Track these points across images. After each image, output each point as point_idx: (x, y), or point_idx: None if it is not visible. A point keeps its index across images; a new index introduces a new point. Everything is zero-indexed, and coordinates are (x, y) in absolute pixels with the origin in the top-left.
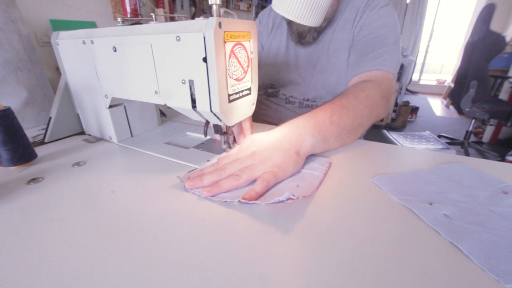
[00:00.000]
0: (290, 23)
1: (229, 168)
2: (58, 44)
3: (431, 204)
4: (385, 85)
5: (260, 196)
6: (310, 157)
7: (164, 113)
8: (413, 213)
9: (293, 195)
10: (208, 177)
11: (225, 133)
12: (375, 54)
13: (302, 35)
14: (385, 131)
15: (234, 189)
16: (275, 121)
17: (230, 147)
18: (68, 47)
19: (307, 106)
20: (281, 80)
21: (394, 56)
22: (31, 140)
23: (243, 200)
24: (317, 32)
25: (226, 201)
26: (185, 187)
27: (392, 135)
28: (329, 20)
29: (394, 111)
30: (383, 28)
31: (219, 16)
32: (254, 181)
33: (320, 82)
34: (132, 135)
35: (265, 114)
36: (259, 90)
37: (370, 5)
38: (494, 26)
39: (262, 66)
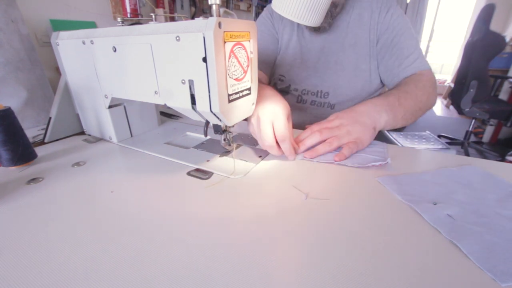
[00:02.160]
0: None
1: (323, 134)
2: (58, 44)
3: (435, 204)
4: (432, 79)
5: (346, 158)
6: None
7: (169, 114)
8: (416, 213)
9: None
10: (310, 140)
11: (224, 131)
12: (413, 56)
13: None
14: (385, 131)
15: (326, 153)
16: None
17: (229, 145)
18: (68, 47)
19: (319, 104)
20: (292, 71)
21: (421, 53)
22: (31, 140)
23: (336, 160)
24: (332, 17)
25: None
26: (297, 153)
27: (392, 135)
28: (342, 5)
29: None
30: (408, 29)
31: (219, 16)
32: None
33: (335, 74)
34: (132, 135)
35: None
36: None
37: (387, 3)
38: (494, 26)
39: (275, 57)
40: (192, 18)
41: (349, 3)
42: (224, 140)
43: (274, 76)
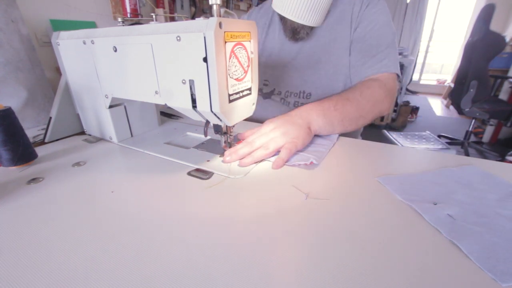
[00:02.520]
0: (283, 19)
1: (257, 141)
2: (59, 44)
3: (435, 204)
4: (390, 85)
5: (285, 162)
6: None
7: (169, 114)
8: (416, 213)
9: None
10: (242, 150)
11: (225, 133)
12: (380, 56)
13: (296, 31)
14: (385, 131)
15: (264, 158)
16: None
17: (230, 147)
18: (68, 47)
19: (302, 104)
20: (276, 75)
21: (395, 55)
22: (31, 140)
23: (273, 168)
24: (310, 27)
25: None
26: (224, 162)
27: (392, 135)
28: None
29: (394, 111)
30: (383, 27)
31: (220, 16)
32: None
33: (317, 73)
34: (132, 135)
35: (261, 115)
36: None
37: (365, 1)
38: (494, 26)
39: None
40: (192, 18)
41: (333, 4)
42: (225, 142)
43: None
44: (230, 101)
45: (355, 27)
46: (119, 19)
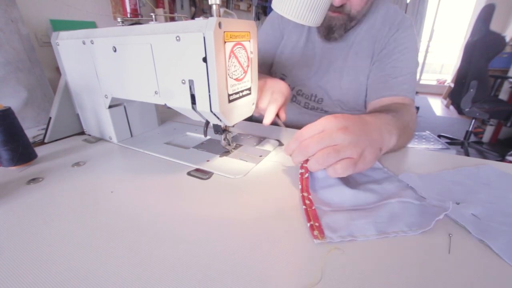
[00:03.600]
0: None
1: (327, 139)
2: (58, 44)
3: (458, 203)
4: (415, 112)
5: (336, 176)
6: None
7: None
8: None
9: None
10: (312, 148)
11: (224, 130)
12: (403, 79)
13: (332, 30)
14: None
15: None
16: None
17: (229, 144)
18: (68, 47)
19: (312, 108)
20: (293, 72)
21: (415, 84)
22: (31, 140)
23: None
24: (346, 30)
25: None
26: (287, 154)
27: None
28: (358, 20)
29: None
30: (411, 52)
31: (219, 16)
32: None
33: (332, 81)
34: (132, 135)
35: None
36: None
37: (400, 23)
38: (494, 26)
39: (279, 55)
40: (192, 18)
41: (364, 16)
42: (224, 139)
43: (274, 74)
44: (230, 101)
45: (381, 49)
46: (119, 19)
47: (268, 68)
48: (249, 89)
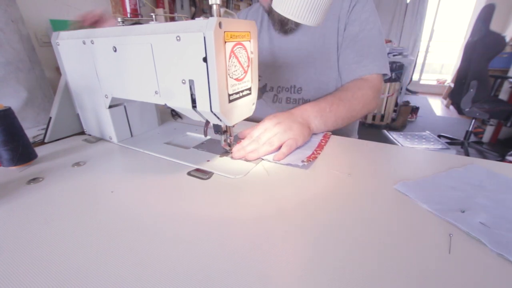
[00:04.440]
0: (270, 13)
1: (262, 137)
2: (58, 44)
3: (463, 212)
4: (378, 86)
5: (285, 156)
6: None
7: (179, 115)
8: (446, 222)
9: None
10: (250, 147)
11: (225, 131)
12: (372, 57)
13: (284, 22)
14: (385, 131)
15: (269, 153)
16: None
17: (229, 146)
18: (68, 47)
19: (294, 101)
20: (268, 70)
21: (385, 56)
22: (31, 140)
23: (275, 159)
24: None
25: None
26: (233, 158)
27: (392, 135)
28: None
29: (394, 111)
30: (374, 28)
31: (219, 16)
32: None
33: (306, 68)
34: (132, 135)
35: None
36: None
37: None
38: (494, 26)
39: None
40: (192, 18)
41: None
42: (225, 141)
43: None
44: (230, 101)
45: (344, 24)
46: (119, 19)
47: None
48: (249, 89)
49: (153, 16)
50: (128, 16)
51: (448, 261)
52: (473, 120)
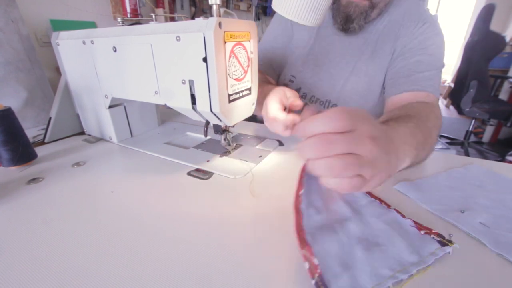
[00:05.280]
0: (336, 3)
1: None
2: (58, 44)
3: (463, 212)
4: (439, 114)
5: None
6: None
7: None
8: (446, 222)
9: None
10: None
11: (224, 130)
12: (429, 74)
13: (350, 19)
14: None
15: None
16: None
17: (229, 145)
18: (68, 47)
19: None
20: (304, 74)
21: (439, 82)
22: (31, 140)
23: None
24: (366, 20)
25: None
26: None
27: None
28: (381, 9)
29: None
30: (437, 49)
31: (219, 16)
32: None
33: (348, 83)
34: (132, 135)
35: None
36: (277, 85)
37: (428, 17)
38: (494, 26)
39: (289, 55)
40: (192, 18)
41: (386, 9)
42: (224, 140)
43: (284, 77)
44: (230, 101)
45: (403, 44)
46: (119, 19)
47: (277, 71)
48: (249, 89)
49: (153, 16)
50: (128, 16)
51: (448, 261)
52: (473, 120)
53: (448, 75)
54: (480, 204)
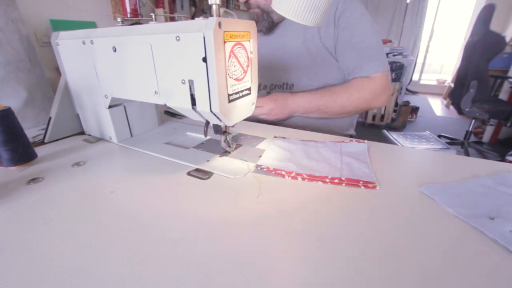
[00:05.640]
0: (262, 15)
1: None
2: (58, 44)
3: (492, 219)
4: (384, 83)
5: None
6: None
7: (173, 114)
8: (473, 228)
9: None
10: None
11: (224, 132)
12: (370, 59)
13: (273, 24)
14: (385, 131)
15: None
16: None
17: (229, 146)
18: (68, 47)
19: None
20: (261, 71)
21: (383, 54)
22: (31, 140)
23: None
24: (272, 23)
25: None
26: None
27: (392, 135)
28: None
29: (394, 111)
30: (368, 29)
31: (219, 16)
32: None
33: (296, 64)
34: (132, 135)
35: None
36: None
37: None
38: (494, 26)
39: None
40: (192, 18)
41: None
42: (224, 141)
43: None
44: (230, 101)
45: (335, 25)
46: (119, 19)
47: None
48: (249, 89)
49: (153, 16)
50: (128, 16)
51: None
52: (473, 120)
53: (448, 75)
54: (511, 212)
